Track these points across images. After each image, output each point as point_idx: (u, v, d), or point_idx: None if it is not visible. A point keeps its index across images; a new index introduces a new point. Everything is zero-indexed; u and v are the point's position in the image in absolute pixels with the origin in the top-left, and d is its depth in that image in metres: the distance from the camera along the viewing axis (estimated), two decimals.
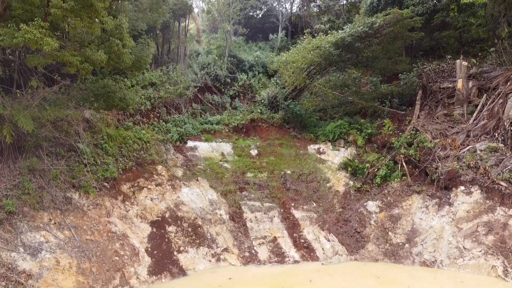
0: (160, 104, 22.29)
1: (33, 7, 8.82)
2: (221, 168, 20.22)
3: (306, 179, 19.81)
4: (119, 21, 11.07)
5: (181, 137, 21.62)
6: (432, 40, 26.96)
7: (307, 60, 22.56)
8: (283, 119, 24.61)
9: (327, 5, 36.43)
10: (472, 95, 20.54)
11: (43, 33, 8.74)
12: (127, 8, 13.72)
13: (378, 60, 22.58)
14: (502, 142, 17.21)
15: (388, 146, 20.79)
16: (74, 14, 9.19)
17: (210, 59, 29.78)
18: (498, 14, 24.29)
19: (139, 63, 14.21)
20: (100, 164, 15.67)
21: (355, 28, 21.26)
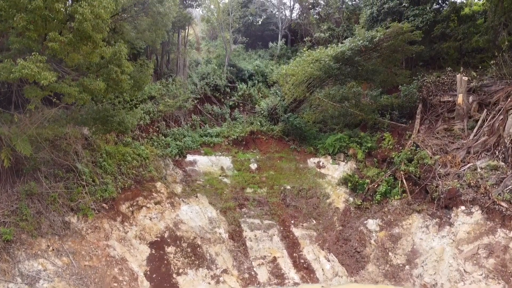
0: (160, 118, 22.23)
1: (31, 41, 8.74)
2: (220, 183, 20.14)
3: (306, 194, 19.72)
4: (118, 48, 10.98)
5: (180, 151, 21.54)
6: (432, 50, 26.87)
7: (307, 73, 22.48)
8: (282, 131, 24.54)
9: (326, 13, 36.33)
10: (472, 110, 20.46)
11: (41, 67, 8.66)
12: (126, 29, 13.64)
13: (378, 73, 22.50)
14: (503, 160, 17.13)
15: (388, 160, 20.72)
16: (72, 46, 9.11)
17: (210, 69, 29.72)
18: (498, 25, 24.19)
19: (138, 84, 14.11)
20: (99, 184, 15.59)
21: (355, 42, 21.18)
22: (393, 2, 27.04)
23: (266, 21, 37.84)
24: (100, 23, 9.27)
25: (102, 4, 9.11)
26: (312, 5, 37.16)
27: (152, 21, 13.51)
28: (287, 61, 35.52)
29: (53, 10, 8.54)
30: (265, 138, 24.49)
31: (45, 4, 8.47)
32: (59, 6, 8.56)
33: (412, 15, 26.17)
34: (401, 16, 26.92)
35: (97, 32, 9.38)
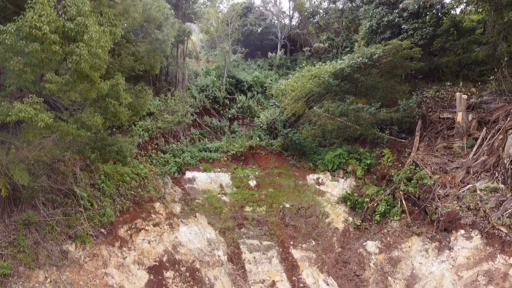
0: (158, 134, 22.16)
1: (27, 82, 8.68)
2: (219, 201, 20.09)
3: (305, 213, 19.67)
4: (115, 81, 10.92)
5: (179, 168, 21.50)
6: (432, 64, 26.84)
7: (306, 89, 22.44)
8: (281, 147, 24.51)
9: (326, 23, 36.30)
10: (472, 128, 20.42)
11: (38, 109, 8.60)
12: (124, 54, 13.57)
13: (377, 89, 22.46)
14: (502, 182, 17.08)
15: (388, 178, 20.70)
16: (69, 86, 9.05)
17: (209, 81, 29.73)
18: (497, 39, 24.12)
19: (136, 110, 14.07)
20: (97, 207, 15.52)
21: (354, 59, 21.15)
22: (392, 15, 27.01)
23: (265, 31, 37.82)
24: (98, 62, 9.22)
25: (99, 43, 9.06)
26: (311, 14, 37.13)
27: (151, 47, 13.45)
28: (287, 71, 35.65)
29: (50, 52, 8.48)
30: (264, 153, 24.45)
31: (42, 47, 8.42)
32: (56, 48, 8.50)
33: (411, 29, 26.15)
34: (401, 29, 26.93)
35: (94, 70, 9.33)
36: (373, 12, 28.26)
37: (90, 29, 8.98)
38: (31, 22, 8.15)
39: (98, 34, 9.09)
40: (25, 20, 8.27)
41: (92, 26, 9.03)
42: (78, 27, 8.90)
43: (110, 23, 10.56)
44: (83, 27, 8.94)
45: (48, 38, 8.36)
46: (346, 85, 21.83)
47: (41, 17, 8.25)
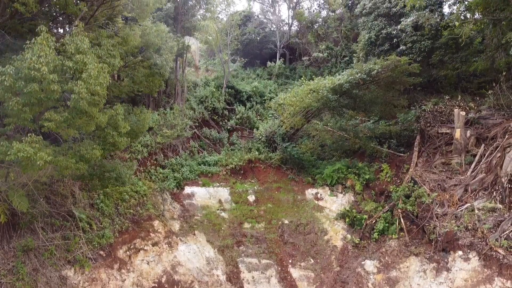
0: (158, 149, 22.19)
1: (26, 121, 8.72)
2: (218, 218, 20.13)
3: (304, 230, 19.72)
4: (114, 111, 10.96)
5: (178, 183, 21.56)
6: (430, 76, 26.89)
7: (305, 103, 22.48)
8: (280, 160, 24.55)
9: (325, 32, 36.34)
10: (470, 144, 20.49)
11: (37, 148, 8.64)
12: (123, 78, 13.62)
13: (376, 105, 22.52)
14: (500, 201, 17.14)
15: (386, 194, 20.75)
16: (68, 123, 9.09)
17: (208, 92, 29.76)
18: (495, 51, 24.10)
19: (135, 133, 14.11)
20: (96, 229, 15.57)
21: (353, 75, 21.19)
22: (391, 27, 27.05)
23: (265, 40, 37.86)
24: (97, 98, 9.26)
25: (98, 80, 9.10)
26: (310, 23, 37.17)
27: (150, 72, 13.50)
28: (285, 80, 35.70)
29: (49, 91, 8.52)
30: (263, 166, 24.49)
31: (41, 86, 8.46)
32: (55, 87, 8.53)
33: (410, 41, 26.17)
34: (399, 42, 26.95)
35: (93, 106, 9.37)
36: (371, 24, 28.29)
37: (89, 67, 9.03)
38: (30, 63, 8.19)
39: (97, 71, 9.13)
40: (24, 61, 8.31)
41: (91, 63, 9.07)
42: (77, 65, 8.94)
43: (109, 54, 10.59)
44: (82, 65, 8.99)
45: (46, 78, 8.40)
46: (345, 100, 21.88)
47: (40, 58, 8.29)
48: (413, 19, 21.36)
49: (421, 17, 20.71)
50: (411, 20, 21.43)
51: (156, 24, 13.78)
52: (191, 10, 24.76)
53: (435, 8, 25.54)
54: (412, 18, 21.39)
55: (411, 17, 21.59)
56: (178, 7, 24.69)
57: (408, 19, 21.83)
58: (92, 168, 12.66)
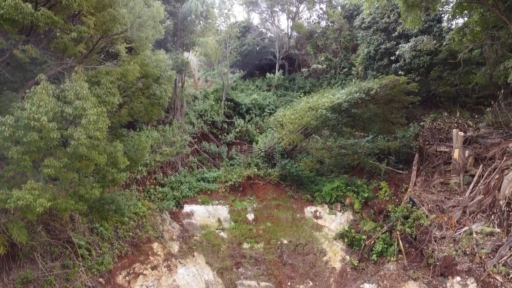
0: (157, 168, 22.22)
1: (26, 168, 8.75)
2: (217, 238, 20.16)
3: (302, 250, 19.77)
4: (113, 148, 11.00)
5: (178, 202, 21.59)
6: (429, 92, 26.96)
7: (303, 121, 22.53)
8: (279, 177, 24.57)
9: (324, 43, 36.39)
10: (468, 164, 20.54)
11: (36, 195, 8.68)
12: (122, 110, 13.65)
13: (375, 123, 22.59)
14: (498, 224, 17.21)
15: (385, 214, 20.83)
16: (67, 168, 9.13)
17: (207, 106, 29.80)
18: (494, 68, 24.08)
19: (134, 161, 14.14)
20: (95, 255, 15.60)
21: (351, 94, 21.23)
22: (389, 43, 27.11)
23: (264, 50, 37.86)
24: (96, 142, 9.30)
25: (97, 125, 9.14)
26: (309, 33, 37.20)
27: (149, 101, 13.53)
28: (285, 92, 35.72)
29: (49, 139, 8.56)
30: (262, 183, 24.53)
31: (40, 135, 8.50)
32: (55, 135, 8.57)
33: (409, 57, 26.20)
34: (398, 57, 26.99)
35: (92, 149, 9.40)
36: (370, 38, 28.38)
37: (88, 112, 9.06)
38: (29, 113, 8.23)
39: (96, 116, 9.17)
40: (24, 110, 8.34)
41: (90, 108, 9.11)
42: (76, 111, 8.98)
43: (108, 93, 10.63)
44: (81, 111, 9.02)
45: (46, 127, 8.43)
46: (344, 119, 21.93)
47: (40, 107, 8.32)
48: (411, 44, 21.43)
49: (419, 42, 20.77)
50: (409, 46, 21.49)
51: (155, 53, 13.78)
52: (190, 26, 24.76)
53: (434, 24, 25.66)
54: (410, 44, 21.45)
55: (409, 43, 21.64)
56: (178, 23, 24.70)
57: (406, 45, 21.88)
58: (91, 202, 12.69)
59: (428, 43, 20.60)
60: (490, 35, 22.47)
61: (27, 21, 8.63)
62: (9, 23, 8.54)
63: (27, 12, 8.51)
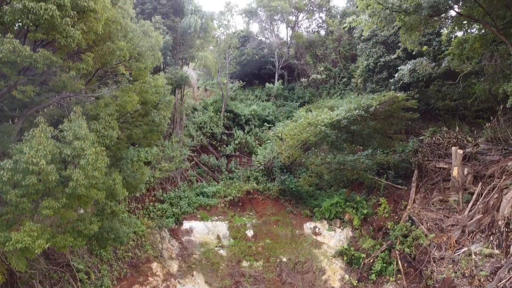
0: (156, 184, 22.21)
1: (24, 210, 8.75)
2: (216, 256, 20.16)
3: (302, 268, 19.77)
4: (113, 181, 10.99)
5: (177, 219, 21.58)
6: (428, 105, 26.97)
7: (303, 137, 22.52)
8: (278, 192, 24.56)
9: (323, 53, 36.40)
10: (467, 182, 20.54)
11: (35, 236, 8.68)
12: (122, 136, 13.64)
13: (374, 139, 22.61)
14: (497, 245, 17.20)
15: (384, 231, 20.84)
16: (66, 207, 9.13)
17: (207, 117, 29.80)
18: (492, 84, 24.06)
19: (133, 187, 14.15)
20: (94, 278, 15.59)
21: (351, 111, 21.23)
22: (388, 56, 27.13)
23: (263, 60, 37.87)
24: (94, 182, 9.30)
25: (96, 165, 9.14)
26: (309, 42, 37.19)
27: (148, 128, 13.52)
28: (284, 102, 35.72)
29: (47, 181, 8.56)
30: (261, 198, 24.53)
31: (38, 177, 8.49)
32: (53, 177, 8.56)
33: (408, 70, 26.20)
34: (397, 70, 26.99)
35: (91, 187, 9.40)
36: (370, 51, 28.38)
37: (87, 152, 9.05)
38: (28, 158, 8.22)
39: (95, 155, 9.16)
40: (22, 154, 8.34)
41: (89, 148, 9.10)
42: (75, 151, 8.97)
43: (107, 126, 10.62)
44: (80, 151, 9.01)
45: (44, 170, 8.43)
46: (343, 135, 21.93)
47: (38, 151, 8.32)
48: (410, 67, 21.44)
49: (418, 64, 20.81)
50: (408, 69, 21.52)
51: (154, 78, 13.76)
52: (189, 40, 24.74)
53: (433, 38, 25.66)
54: (409, 67, 21.46)
55: (408, 65, 21.66)
56: (177, 37, 24.70)
57: (405, 67, 21.91)
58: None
59: (426, 66, 20.59)
60: (490, 49, 22.47)
61: (25, 63, 8.61)
62: (8, 66, 8.53)
63: (26, 55, 8.51)
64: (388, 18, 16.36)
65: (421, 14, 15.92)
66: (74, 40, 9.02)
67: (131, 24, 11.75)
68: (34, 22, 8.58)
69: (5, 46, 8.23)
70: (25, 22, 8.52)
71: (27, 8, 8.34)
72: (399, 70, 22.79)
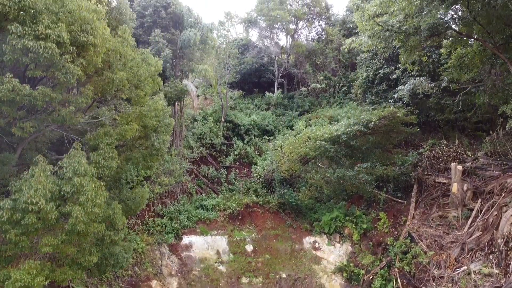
0: (156, 200, 22.21)
1: (24, 248, 8.76)
2: (216, 272, 20.18)
3: (301, 285, 19.81)
4: (112, 211, 11.00)
5: (176, 234, 21.58)
6: (428, 117, 26.95)
7: (302, 152, 22.54)
8: (278, 205, 24.56)
9: (323, 62, 36.41)
10: (467, 198, 20.56)
11: (34, 274, 8.69)
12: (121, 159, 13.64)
13: (373, 153, 22.62)
14: (497, 264, 17.23)
15: (384, 246, 20.87)
16: (65, 243, 9.14)
17: (206, 128, 29.78)
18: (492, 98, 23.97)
19: (132, 211, 14.16)
20: None
21: (350, 126, 21.24)
22: (388, 68, 27.13)
23: (263, 68, 37.86)
24: (94, 218, 9.31)
25: (95, 201, 9.15)
26: (308, 51, 37.19)
27: (147, 152, 13.52)
28: (284, 111, 35.70)
29: (47, 220, 8.57)
30: (261, 211, 24.53)
31: (38, 216, 8.50)
32: (53, 216, 8.57)
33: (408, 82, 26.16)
34: (397, 82, 26.98)
35: (91, 222, 9.41)
36: (369, 62, 28.38)
37: (86, 188, 9.06)
38: (27, 198, 8.23)
39: (94, 191, 9.17)
40: (22, 193, 8.34)
41: (88, 184, 9.11)
42: (74, 188, 8.98)
43: (106, 156, 10.62)
44: (79, 187, 9.02)
45: (44, 209, 8.43)
46: (343, 150, 21.95)
47: (37, 191, 8.32)
48: (409, 88, 21.46)
49: (417, 84, 20.85)
50: (408, 89, 21.54)
51: (154, 100, 13.75)
52: (188, 53, 24.73)
53: (433, 50, 25.64)
54: (408, 87, 21.47)
55: (407, 85, 21.67)
56: (176, 50, 24.69)
57: (405, 87, 21.92)
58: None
59: (426, 86, 20.61)
60: (490, 62, 22.46)
61: (24, 101, 8.61)
62: (7, 105, 8.54)
63: (25, 93, 8.51)
64: (388, 40, 16.37)
65: (420, 35, 15.93)
66: (74, 76, 9.02)
67: (131, 52, 11.74)
68: (34, 60, 8.57)
69: (4, 86, 8.24)
70: (24, 61, 8.50)
71: (26, 47, 8.33)
72: (399, 91, 22.78)
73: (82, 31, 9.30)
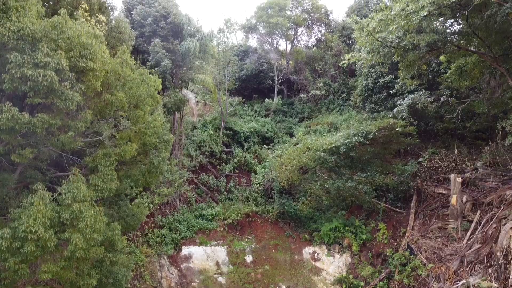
0: (155, 210, 22.22)
1: (23, 276, 8.77)
2: (215, 284, 20.18)
3: None
4: (111, 232, 11.01)
5: (176, 244, 21.60)
6: (427, 126, 26.96)
7: (301, 162, 22.56)
8: (277, 215, 24.58)
9: (322, 68, 36.42)
10: (466, 210, 20.57)
11: None
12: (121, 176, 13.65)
13: (373, 164, 22.64)
14: (496, 278, 17.25)
15: (383, 257, 20.87)
16: (64, 269, 9.15)
17: (206, 136, 29.80)
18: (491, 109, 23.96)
19: (132, 227, 14.16)
20: None
21: (349, 138, 21.26)
22: (387, 77, 27.15)
23: (262, 74, 37.86)
24: (93, 243, 9.32)
25: (95, 227, 9.15)
26: (308, 58, 37.21)
27: (147, 168, 13.53)
28: (283, 118, 35.71)
29: (46, 247, 8.58)
30: (260, 221, 24.56)
31: (37, 244, 8.52)
32: (52, 243, 8.59)
33: (407, 91, 26.21)
34: (397, 91, 26.98)
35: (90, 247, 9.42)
36: (369, 71, 28.39)
37: (86, 215, 9.08)
38: (26, 227, 8.24)
39: (93, 217, 9.18)
40: (20, 222, 8.36)
41: (88, 211, 9.12)
42: (73, 214, 8.99)
43: (106, 178, 10.63)
44: (78, 213, 9.03)
45: (43, 238, 8.45)
46: (342, 161, 21.95)
47: (37, 220, 8.34)
48: (408, 102, 21.48)
49: (417, 99, 20.88)
50: (407, 104, 21.56)
51: (153, 117, 13.76)
52: (188, 63, 24.74)
53: (433, 59, 25.66)
54: (407, 102, 21.49)
55: (406, 100, 21.70)
56: (176, 59, 24.70)
57: (403, 102, 21.94)
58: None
59: (425, 101, 20.64)
60: (489, 72, 22.48)
61: (24, 129, 8.62)
62: (7, 133, 8.54)
63: (24, 121, 8.52)
64: (387, 56, 16.38)
65: (420, 51, 15.95)
66: (73, 103, 9.03)
67: (130, 73, 11.75)
68: (33, 88, 8.58)
69: (4, 115, 8.24)
70: (24, 89, 8.51)
71: (25, 75, 8.34)
72: (398, 106, 22.80)
73: (81, 57, 9.31)
